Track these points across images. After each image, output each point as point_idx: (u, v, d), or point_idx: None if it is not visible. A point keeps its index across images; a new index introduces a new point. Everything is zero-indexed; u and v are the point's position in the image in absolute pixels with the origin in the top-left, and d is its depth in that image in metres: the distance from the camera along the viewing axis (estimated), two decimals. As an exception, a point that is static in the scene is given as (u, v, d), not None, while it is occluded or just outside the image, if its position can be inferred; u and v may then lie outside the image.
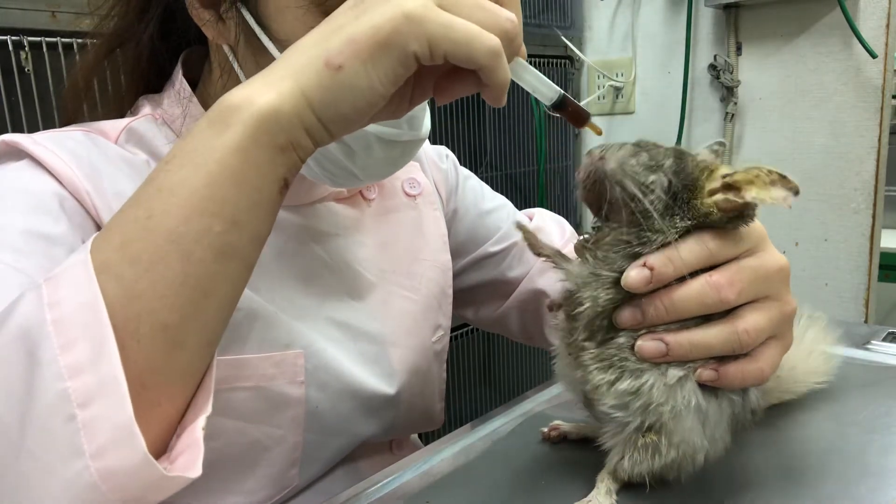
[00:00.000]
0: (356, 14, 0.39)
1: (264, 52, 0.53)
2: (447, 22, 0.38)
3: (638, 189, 0.44)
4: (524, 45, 0.44)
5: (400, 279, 0.70)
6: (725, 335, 0.44)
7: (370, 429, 0.66)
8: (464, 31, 0.38)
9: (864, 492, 0.47)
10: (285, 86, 0.38)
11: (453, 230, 0.79)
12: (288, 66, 0.39)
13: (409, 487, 0.52)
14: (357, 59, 0.37)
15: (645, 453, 0.45)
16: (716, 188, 0.44)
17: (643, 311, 0.44)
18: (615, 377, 0.45)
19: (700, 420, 0.45)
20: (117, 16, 0.63)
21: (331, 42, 0.38)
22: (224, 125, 0.38)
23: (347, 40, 0.38)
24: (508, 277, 0.80)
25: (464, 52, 0.38)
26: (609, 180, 0.45)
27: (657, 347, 0.44)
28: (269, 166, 0.39)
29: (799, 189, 0.42)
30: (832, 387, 0.62)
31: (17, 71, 0.88)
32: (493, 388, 1.74)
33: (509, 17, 0.40)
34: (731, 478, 0.48)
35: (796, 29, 1.50)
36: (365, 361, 0.65)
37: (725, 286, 0.43)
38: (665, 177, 0.44)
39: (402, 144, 0.57)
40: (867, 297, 1.49)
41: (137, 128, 0.60)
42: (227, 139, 0.37)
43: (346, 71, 0.38)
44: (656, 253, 0.43)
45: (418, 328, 0.70)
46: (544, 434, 0.57)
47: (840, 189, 1.48)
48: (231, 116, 0.38)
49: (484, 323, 0.85)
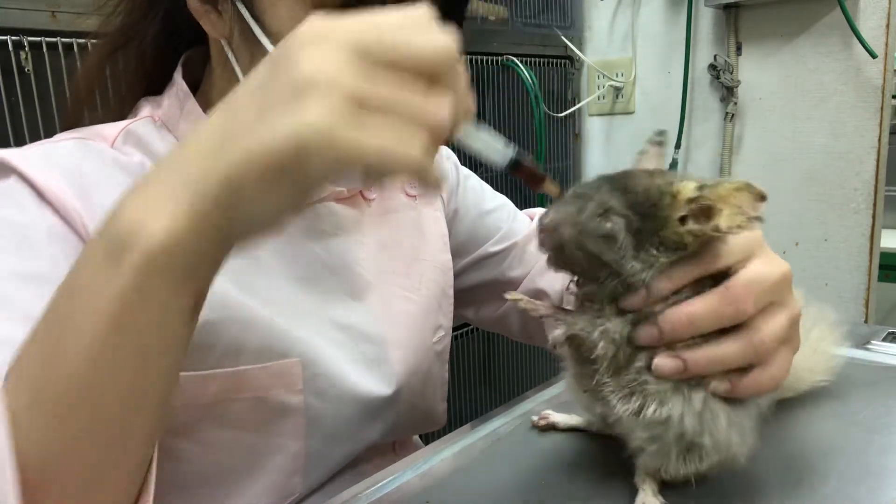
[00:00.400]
0: (257, 114, 0.32)
1: (259, 46, 0.53)
2: (356, 145, 0.31)
3: (601, 245, 0.42)
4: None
5: (400, 280, 0.70)
6: (742, 348, 0.44)
7: (373, 433, 0.66)
8: (377, 154, 0.31)
9: (864, 492, 0.47)
10: (180, 206, 0.33)
11: (454, 230, 0.79)
12: (180, 178, 0.34)
13: (409, 487, 0.52)
14: (256, 183, 0.32)
15: (691, 463, 0.46)
16: (684, 215, 0.42)
17: (661, 330, 0.44)
18: (639, 404, 0.44)
19: (738, 432, 0.45)
20: (123, 12, 0.62)
21: (229, 155, 0.32)
22: (116, 262, 0.33)
23: (244, 158, 0.32)
24: (509, 277, 0.80)
25: (380, 173, 0.32)
26: (570, 248, 0.43)
27: (675, 365, 0.43)
28: (174, 302, 0.35)
29: (765, 195, 0.40)
30: (833, 386, 0.62)
31: (17, 71, 0.87)
32: (493, 388, 1.74)
33: (436, 114, 0.33)
34: (731, 478, 0.48)
35: (796, 29, 1.50)
36: (366, 363, 0.64)
37: (744, 298, 0.43)
38: (619, 217, 0.43)
39: None
40: (867, 297, 1.49)
41: (135, 130, 0.60)
42: (122, 280, 0.33)
43: (245, 193, 0.32)
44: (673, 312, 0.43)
45: (419, 329, 0.70)
46: (534, 422, 0.59)
47: (840, 189, 1.48)
48: (124, 251, 0.33)
49: (484, 323, 0.85)
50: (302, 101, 0.30)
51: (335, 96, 0.30)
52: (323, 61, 0.31)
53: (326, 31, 0.32)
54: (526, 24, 1.68)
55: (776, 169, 1.55)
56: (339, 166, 0.31)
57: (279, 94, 0.32)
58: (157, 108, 0.62)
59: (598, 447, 0.55)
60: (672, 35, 1.68)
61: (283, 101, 0.31)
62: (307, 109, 0.30)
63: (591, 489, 0.50)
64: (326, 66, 0.31)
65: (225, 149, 0.33)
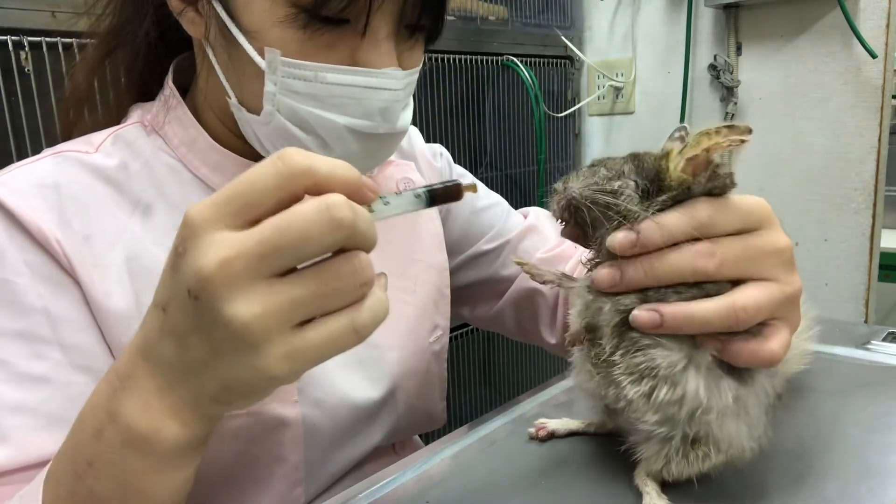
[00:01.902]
0: (212, 355, 0.35)
1: (236, 45, 0.53)
2: (314, 356, 0.34)
3: (608, 196, 0.44)
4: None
5: (395, 281, 0.69)
6: (722, 310, 0.43)
7: (374, 438, 0.66)
8: (330, 347, 0.34)
9: (864, 492, 0.47)
10: (182, 420, 0.38)
11: (447, 228, 0.79)
12: (178, 397, 0.38)
13: (408, 487, 0.52)
14: (238, 400, 0.37)
15: (695, 462, 0.46)
16: (677, 162, 0.44)
17: (622, 271, 0.44)
18: (650, 387, 0.44)
19: (746, 423, 0.45)
20: (111, 14, 0.63)
21: (209, 384, 0.36)
22: (138, 453, 0.39)
23: (222, 388, 0.36)
24: (503, 275, 0.80)
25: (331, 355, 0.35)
26: (580, 203, 0.45)
27: (651, 317, 0.43)
28: (186, 471, 0.41)
29: (750, 129, 0.43)
30: (833, 386, 0.62)
31: (17, 71, 0.88)
32: (492, 389, 1.74)
33: (361, 283, 0.35)
34: (730, 478, 0.48)
35: (796, 29, 1.50)
36: (362, 367, 0.64)
37: (705, 255, 0.43)
38: (629, 179, 0.45)
39: (379, 137, 0.57)
40: (867, 297, 1.49)
41: (124, 134, 0.61)
42: (140, 467, 0.39)
43: (231, 402, 0.38)
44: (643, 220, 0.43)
45: (415, 330, 0.70)
46: (532, 434, 0.57)
47: (840, 189, 1.48)
48: (144, 449, 0.39)
49: (480, 321, 0.85)
50: (250, 353, 0.33)
51: (277, 339, 0.33)
52: (247, 310, 0.32)
53: (232, 268, 0.32)
54: (526, 24, 1.68)
55: (776, 169, 1.55)
56: (301, 372, 0.35)
57: (224, 344, 0.34)
58: (146, 112, 0.63)
59: (598, 447, 0.55)
60: (672, 35, 1.68)
61: (232, 350, 0.34)
62: (262, 361, 0.33)
63: (591, 489, 0.50)
64: (252, 312, 0.32)
65: (202, 380, 0.36)
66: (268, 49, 0.52)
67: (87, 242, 0.54)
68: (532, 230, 0.81)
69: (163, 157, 0.60)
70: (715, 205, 0.44)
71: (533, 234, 0.81)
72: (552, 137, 1.80)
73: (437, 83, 1.46)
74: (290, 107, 0.54)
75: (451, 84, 1.50)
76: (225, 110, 0.59)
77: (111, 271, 0.54)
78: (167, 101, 0.62)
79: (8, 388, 0.49)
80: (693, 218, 0.43)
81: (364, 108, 0.55)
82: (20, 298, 0.51)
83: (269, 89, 0.53)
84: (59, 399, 0.50)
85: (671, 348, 0.44)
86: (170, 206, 0.58)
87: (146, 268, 0.55)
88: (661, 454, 0.46)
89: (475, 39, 1.54)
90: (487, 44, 1.57)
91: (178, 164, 0.61)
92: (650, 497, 0.46)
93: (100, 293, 0.53)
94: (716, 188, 0.45)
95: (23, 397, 0.49)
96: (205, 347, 0.34)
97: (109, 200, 0.57)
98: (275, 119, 0.54)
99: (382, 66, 0.54)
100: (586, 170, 0.47)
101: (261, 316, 0.32)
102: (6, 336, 0.50)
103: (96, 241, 0.54)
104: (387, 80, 0.55)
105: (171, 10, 0.57)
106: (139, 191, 0.58)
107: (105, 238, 0.55)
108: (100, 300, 0.53)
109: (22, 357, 0.50)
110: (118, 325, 0.53)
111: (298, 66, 0.52)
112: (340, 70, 0.53)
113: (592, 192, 0.45)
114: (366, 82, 0.54)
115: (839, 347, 0.71)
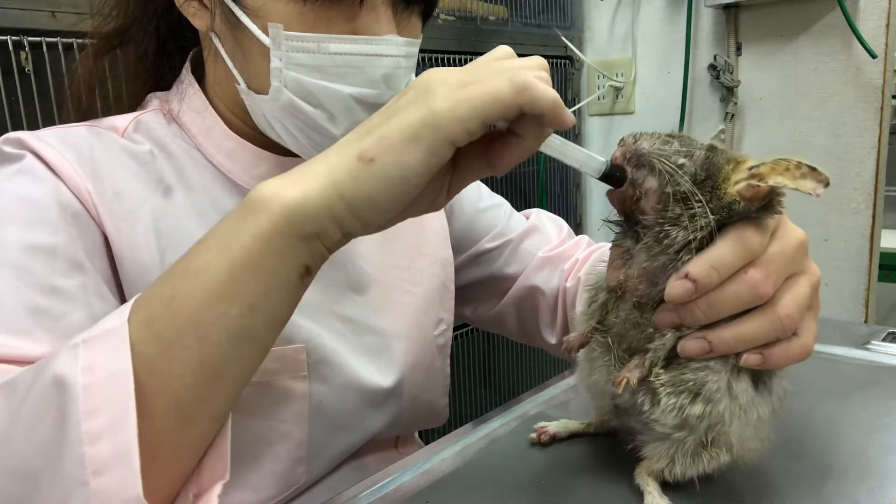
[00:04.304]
0: (388, 115, 0.40)
1: (242, 29, 0.55)
2: (469, 99, 0.38)
3: (672, 168, 0.43)
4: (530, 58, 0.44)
5: (401, 273, 0.70)
6: (767, 324, 0.44)
7: (376, 424, 0.66)
8: (487, 94, 0.38)
9: (864, 492, 0.47)
10: (317, 179, 0.39)
11: (450, 226, 0.79)
12: (322, 162, 0.40)
13: (409, 487, 0.52)
14: (389, 153, 0.39)
15: (701, 463, 0.46)
16: (741, 178, 0.43)
17: (680, 316, 0.44)
18: (689, 401, 0.44)
19: (756, 425, 0.46)
20: (116, 18, 0.64)
21: (364, 141, 0.39)
22: (252, 213, 0.39)
23: (379, 137, 0.39)
24: (505, 274, 0.80)
25: (495, 109, 0.39)
26: (643, 160, 0.44)
27: (700, 346, 0.44)
28: (292, 254, 0.40)
29: (829, 181, 0.41)
30: (833, 386, 0.62)
31: (17, 71, 0.88)
32: (493, 389, 1.74)
33: (525, 64, 0.41)
34: (730, 478, 0.48)
35: (796, 29, 1.50)
36: (369, 354, 0.65)
37: (762, 282, 0.43)
38: (693, 165, 0.44)
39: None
40: (867, 297, 1.49)
41: (146, 120, 0.62)
42: (252, 226, 0.39)
43: (378, 163, 0.39)
44: (696, 261, 0.42)
45: (420, 321, 0.71)
46: (534, 440, 0.56)
47: (840, 189, 1.48)
48: (259, 205, 0.39)
49: (482, 321, 0.86)
50: (423, 98, 0.39)
51: (445, 86, 0.39)
52: (428, 76, 0.40)
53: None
54: (526, 24, 1.68)
55: (776, 169, 1.55)
56: (465, 123, 0.38)
57: (404, 101, 0.40)
58: (164, 101, 0.64)
59: (597, 447, 0.55)
60: (672, 35, 1.68)
61: (411, 101, 0.39)
62: (432, 101, 0.38)
63: (591, 489, 0.50)
64: (431, 75, 0.40)
65: (362, 139, 0.40)
66: (271, 25, 0.54)
67: (118, 198, 0.56)
68: (534, 230, 0.82)
69: (181, 144, 0.62)
70: (758, 228, 0.44)
71: (535, 233, 0.82)
72: (552, 137, 1.80)
73: (437, 83, 1.46)
74: (296, 80, 0.55)
75: (451, 84, 1.49)
76: (235, 100, 0.61)
77: (139, 226, 0.56)
78: (185, 91, 0.63)
79: (34, 295, 0.49)
80: (745, 248, 0.43)
81: (367, 76, 0.56)
82: (52, 221, 0.52)
83: (275, 65, 0.55)
84: (81, 315, 0.50)
85: (719, 370, 0.44)
86: (188, 189, 0.60)
87: (171, 232, 0.57)
88: (668, 454, 0.46)
89: (475, 39, 1.54)
90: (487, 44, 1.57)
91: (196, 152, 0.62)
92: (652, 496, 0.46)
93: (125, 246, 0.55)
94: (761, 214, 0.44)
95: (47, 304, 0.49)
96: (382, 115, 0.40)
97: (135, 175, 0.58)
98: (282, 95, 0.56)
99: (381, 34, 0.56)
100: (663, 135, 0.46)
101: (436, 75, 0.40)
102: (36, 251, 0.50)
103: (126, 198, 0.56)
104: (387, 47, 0.56)
105: (175, 4, 0.58)
106: (162, 172, 0.60)
107: (133, 197, 0.57)
108: (125, 252, 0.55)
109: (49, 272, 0.50)
110: (140, 279, 0.55)
111: (301, 39, 0.54)
112: (341, 39, 0.54)
113: (659, 156, 0.44)
114: (367, 50, 0.55)
115: (839, 347, 0.71)
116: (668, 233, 0.43)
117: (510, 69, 0.40)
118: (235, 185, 0.62)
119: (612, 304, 0.48)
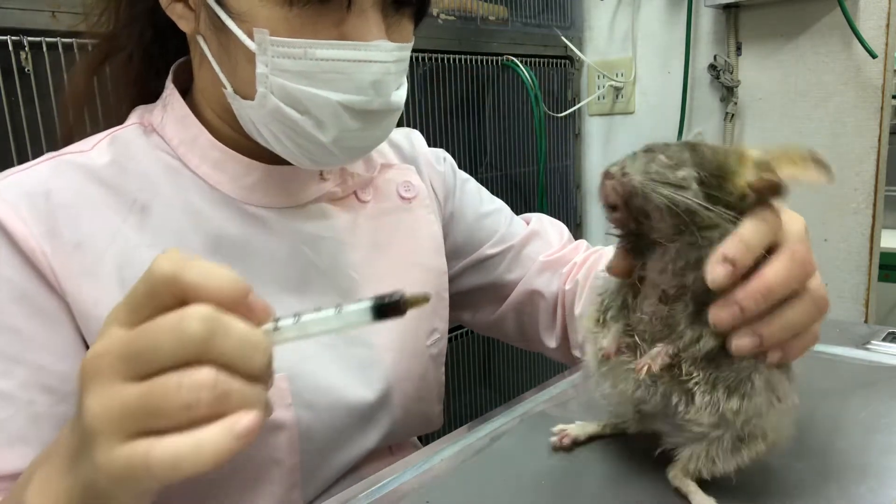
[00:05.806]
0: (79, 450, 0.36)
1: (227, 32, 0.54)
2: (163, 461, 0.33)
3: (673, 190, 0.42)
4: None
5: (391, 283, 0.69)
6: (809, 306, 0.43)
7: (370, 440, 0.65)
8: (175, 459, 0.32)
9: (864, 492, 0.47)
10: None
11: (451, 233, 0.79)
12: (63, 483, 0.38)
13: (408, 487, 0.52)
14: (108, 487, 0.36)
15: (739, 456, 0.46)
16: (749, 172, 0.42)
17: (741, 307, 0.41)
18: (725, 396, 0.44)
19: (788, 414, 0.46)
20: (107, 22, 0.64)
21: (84, 472, 0.36)
22: None
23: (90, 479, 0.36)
24: (506, 280, 0.80)
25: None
26: (641, 194, 0.42)
27: (754, 342, 0.42)
28: None
29: (833, 174, 0.41)
30: (833, 386, 0.62)
31: (17, 71, 0.88)
32: (492, 389, 1.74)
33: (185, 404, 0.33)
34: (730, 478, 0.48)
35: (796, 29, 1.50)
36: (358, 367, 0.64)
37: (805, 264, 0.42)
38: (692, 170, 0.43)
39: (374, 114, 0.57)
40: (867, 297, 1.49)
41: (121, 135, 0.61)
42: None
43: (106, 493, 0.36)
44: (728, 242, 0.41)
45: (412, 332, 0.69)
46: (555, 444, 0.55)
47: (840, 189, 1.48)
48: None
49: (481, 326, 0.85)
50: (94, 445, 0.34)
51: (116, 437, 0.33)
52: (97, 402, 0.34)
53: (99, 362, 0.34)
54: (526, 24, 1.68)
55: (776, 169, 1.55)
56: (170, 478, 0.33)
57: (81, 442, 0.35)
58: (147, 113, 0.63)
59: (597, 447, 0.55)
60: (672, 35, 1.68)
61: (87, 441, 0.34)
62: (101, 456, 0.33)
63: (592, 488, 0.50)
64: (101, 405, 0.34)
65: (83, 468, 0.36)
66: (256, 30, 0.52)
67: (78, 250, 0.54)
68: (535, 235, 0.82)
69: (161, 157, 0.61)
70: (769, 207, 0.43)
71: (536, 239, 0.81)
72: (552, 137, 1.80)
73: (437, 83, 1.46)
74: (282, 86, 0.54)
75: (451, 84, 1.50)
76: (223, 105, 0.59)
77: (102, 280, 0.54)
78: (167, 102, 0.62)
79: None
80: (767, 226, 0.42)
81: (355, 83, 0.55)
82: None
83: (261, 70, 0.54)
84: (21, 418, 0.50)
85: (751, 362, 0.44)
86: (165, 206, 0.59)
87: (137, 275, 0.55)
88: (706, 453, 0.46)
89: (475, 39, 1.54)
90: (487, 44, 1.57)
91: (177, 163, 0.61)
92: (697, 496, 0.46)
93: (88, 302, 0.53)
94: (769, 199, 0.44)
95: None
96: (77, 435, 0.36)
97: (103, 204, 0.57)
98: (269, 101, 0.55)
99: (370, 39, 0.54)
100: (642, 154, 0.44)
101: (104, 411, 0.33)
102: None
103: (87, 249, 0.54)
104: (375, 53, 0.55)
105: (160, 5, 0.58)
106: (135, 190, 0.58)
107: (97, 244, 0.55)
108: (88, 309, 0.53)
109: None
110: None
111: (287, 45, 0.53)
112: (328, 45, 0.53)
113: (655, 184, 0.42)
114: (354, 55, 0.54)
115: (839, 347, 0.71)
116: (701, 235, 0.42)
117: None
118: (224, 196, 0.61)
119: (632, 302, 0.47)
